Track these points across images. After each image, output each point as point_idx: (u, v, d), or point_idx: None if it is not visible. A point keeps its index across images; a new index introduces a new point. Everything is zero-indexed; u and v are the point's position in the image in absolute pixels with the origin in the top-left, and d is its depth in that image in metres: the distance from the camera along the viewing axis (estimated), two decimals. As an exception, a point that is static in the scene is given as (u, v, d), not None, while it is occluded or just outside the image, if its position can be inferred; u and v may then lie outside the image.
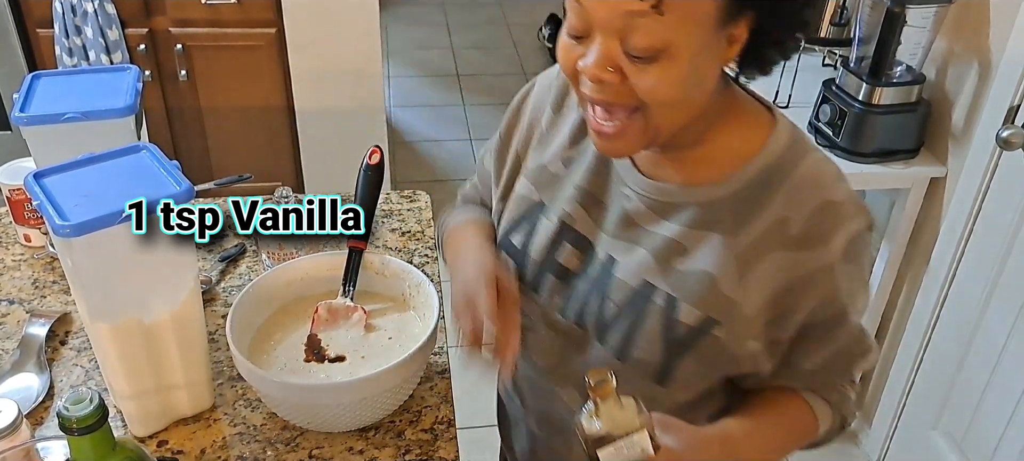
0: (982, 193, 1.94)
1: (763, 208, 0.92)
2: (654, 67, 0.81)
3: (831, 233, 0.90)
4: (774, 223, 0.91)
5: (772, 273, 0.92)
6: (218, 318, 1.32)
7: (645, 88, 0.83)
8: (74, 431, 0.78)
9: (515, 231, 1.09)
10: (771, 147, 0.93)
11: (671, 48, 0.80)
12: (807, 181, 0.91)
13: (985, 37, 1.89)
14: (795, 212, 0.90)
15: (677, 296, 0.95)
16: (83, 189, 0.98)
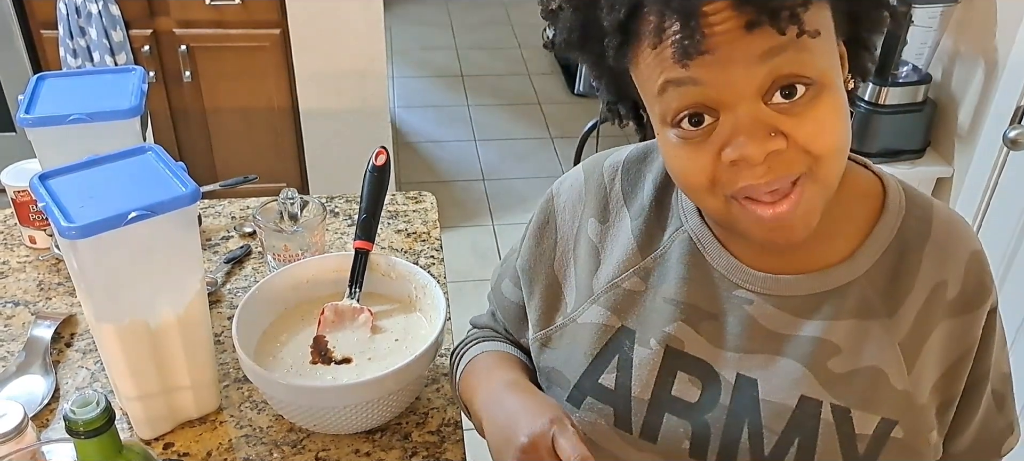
0: (989, 193, 1.93)
1: (913, 278, 0.79)
2: (816, 106, 0.68)
3: (988, 285, 0.81)
4: (931, 292, 0.79)
5: (941, 349, 0.80)
6: (224, 319, 1.32)
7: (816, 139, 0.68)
8: (81, 434, 0.78)
9: (602, 371, 0.88)
10: (891, 207, 0.81)
11: (824, 77, 0.68)
12: (948, 235, 0.80)
13: (991, 37, 1.89)
14: (949, 273, 0.79)
15: (847, 405, 0.79)
16: (88, 191, 0.97)
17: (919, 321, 0.79)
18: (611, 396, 0.87)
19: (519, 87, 4.51)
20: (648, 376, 0.85)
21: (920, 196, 0.83)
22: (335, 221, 1.56)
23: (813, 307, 0.81)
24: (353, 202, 1.60)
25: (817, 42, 0.67)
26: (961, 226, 0.82)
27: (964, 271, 0.79)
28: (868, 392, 0.79)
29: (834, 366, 0.80)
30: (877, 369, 0.79)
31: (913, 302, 0.79)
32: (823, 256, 0.80)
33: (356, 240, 1.21)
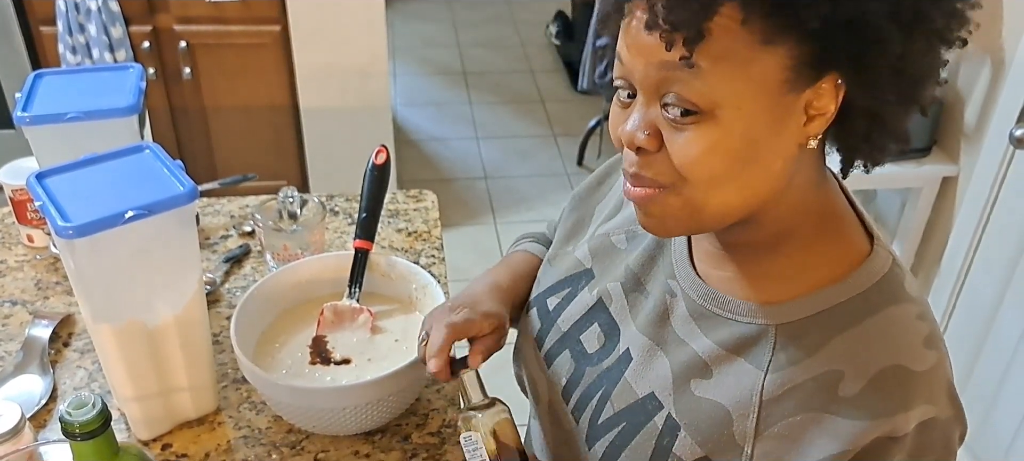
0: (995, 192, 1.92)
1: (817, 351, 0.73)
2: (696, 133, 0.67)
3: (896, 408, 0.70)
4: (824, 374, 0.72)
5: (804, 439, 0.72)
6: (222, 320, 1.31)
7: (684, 160, 0.68)
8: (77, 436, 0.77)
9: (554, 293, 0.98)
10: (854, 279, 0.74)
11: (715, 111, 0.66)
12: (882, 332, 0.72)
13: (997, 35, 1.87)
14: (853, 368, 0.71)
15: (680, 423, 0.79)
16: (86, 190, 0.96)
17: (794, 393, 0.73)
18: (546, 316, 0.97)
19: (521, 84, 4.50)
20: (574, 315, 0.94)
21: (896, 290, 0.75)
22: (335, 220, 1.54)
23: (715, 326, 0.80)
24: (353, 201, 1.59)
25: (717, 72, 0.65)
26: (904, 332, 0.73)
27: (872, 377, 0.70)
28: (706, 425, 0.77)
29: (695, 386, 0.79)
30: (726, 411, 0.76)
31: (799, 372, 0.73)
32: (764, 292, 0.78)
33: (356, 239, 1.20)
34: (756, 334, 0.76)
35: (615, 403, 0.85)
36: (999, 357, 1.97)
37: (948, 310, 2.10)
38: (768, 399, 0.74)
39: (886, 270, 0.75)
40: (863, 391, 0.70)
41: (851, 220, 0.79)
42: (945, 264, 2.09)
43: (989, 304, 1.97)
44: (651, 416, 0.81)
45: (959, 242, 2.03)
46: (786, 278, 0.77)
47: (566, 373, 0.92)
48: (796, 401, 0.73)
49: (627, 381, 0.85)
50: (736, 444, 0.75)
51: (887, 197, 2.30)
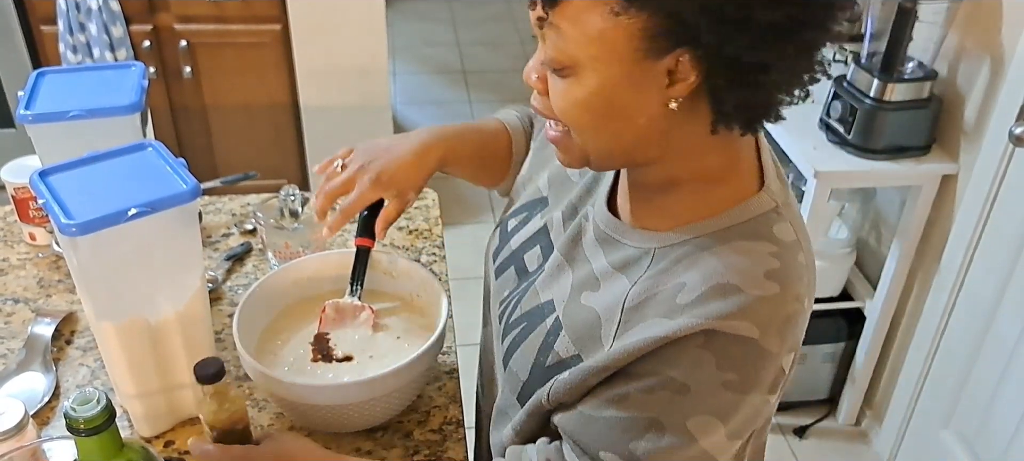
0: (994, 190, 1.92)
1: (681, 270, 0.81)
2: (565, 85, 0.78)
3: (714, 314, 0.76)
4: (673, 286, 0.80)
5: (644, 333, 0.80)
6: (224, 317, 1.31)
7: (555, 105, 0.80)
8: (81, 432, 0.77)
9: (515, 216, 1.10)
10: (730, 214, 0.83)
11: (577, 67, 0.76)
12: (732, 258, 0.79)
13: (997, 33, 1.87)
14: (696, 281, 0.79)
15: (564, 324, 0.90)
16: (88, 187, 0.97)
17: (649, 301, 0.82)
18: (504, 235, 1.10)
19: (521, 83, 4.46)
20: (523, 237, 1.05)
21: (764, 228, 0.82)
22: (337, 218, 1.54)
23: (611, 249, 0.90)
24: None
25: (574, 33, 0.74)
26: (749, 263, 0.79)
27: (705, 289, 0.77)
28: (581, 327, 0.88)
29: (584, 297, 0.90)
30: (598, 316, 0.86)
31: (655, 284, 0.82)
32: (654, 223, 0.88)
33: (357, 238, 1.20)
34: (639, 256, 0.87)
35: (523, 306, 0.98)
36: (999, 355, 1.97)
37: (947, 307, 2.11)
38: (629, 307, 0.83)
39: (761, 212, 0.83)
40: (695, 298, 0.78)
41: (745, 171, 0.86)
42: (945, 262, 2.09)
43: (989, 302, 1.98)
44: (544, 318, 0.93)
45: (959, 240, 2.03)
46: (674, 214, 0.86)
47: (510, 286, 1.04)
48: (649, 306, 0.82)
49: (535, 288, 0.98)
50: (601, 343, 0.85)
51: (887, 195, 2.30)
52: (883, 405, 2.43)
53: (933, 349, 2.19)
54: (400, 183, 1.08)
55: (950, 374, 2.15)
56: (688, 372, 0.77)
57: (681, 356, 0.77)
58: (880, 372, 2.44)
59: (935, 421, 2.22)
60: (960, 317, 2.09)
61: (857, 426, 2.55)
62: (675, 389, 0.78)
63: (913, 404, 2.29)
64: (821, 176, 2.00)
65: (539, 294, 0.96)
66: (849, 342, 2.45)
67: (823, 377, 2.54)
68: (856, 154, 2.03)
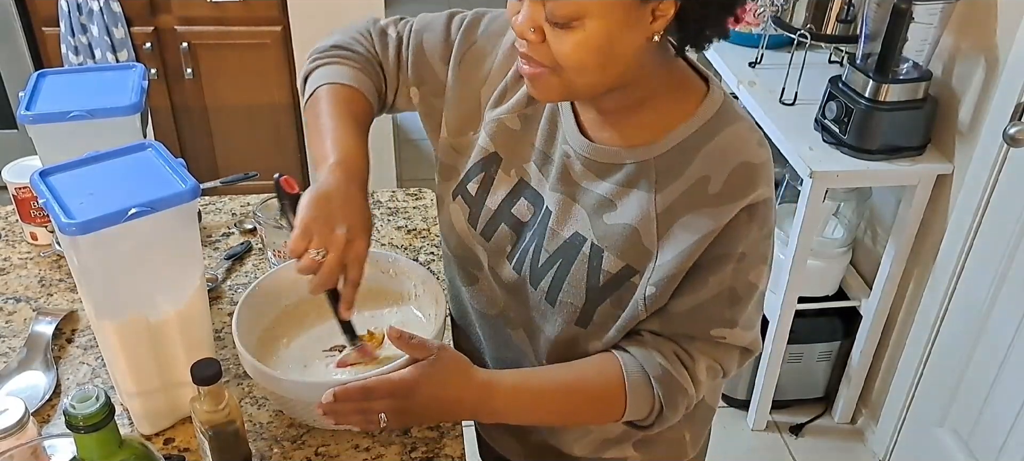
0: (989, 190, 1.93)
1: (685, 168, 0.97)
2: (569, 35, 0.88)
3: (744, 191, 0.96)
4: (696, 182, 0.97)
5: (693, 228, 0.97)
6: (224, 316, 1.32)
7: (560, 53, 0.89)
8: (80, 429, 0.78)
9: (471, 179, 1.13)
10: (699, 114, 0.99)
11: (585, 19, 0.86)
12: (729, 143, 0.98)
13: (992, 33, 1.88)
14: (715, 172, 0.96)
15: (602, 247, 1.02)
16: (89, 187, 0.98)
17: (678, 201, 0.98)
18: (472, 200, 1.14)
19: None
20: (499, 195, 1.11)
21: (732, 116, 1.00)
22: (335, 218, 1.55)
23: (608, 172, 1.02)
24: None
25: None
26: (747, 142, 0.98)
27: (729, 173, 0.96)
28: (622, 243, 1.01)
29: (606, 218, 1.02)
30: (634, 228, 1.00)
31: (678, 186, 0.98)
32: (637, 139, 1.01)
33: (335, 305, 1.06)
34: (639, 170, 1.00)
35: (548, 248, 1.06)
36: (993, 353, 1.98)
37: (942, 306, 2.12)
38: (661, 211, 0.99)
39: (721, 101, 1.00)
40: (724, 184, 0.96)
41: (689, 74, 1.02)
42: (940, 261, 2.10)
43: (983, 301, 1.99)
44: (579, 248, 1.04)
45: (954, 239, 2.04)
46: (651, 126, 1.00)
47: (509, 241, 1.11)
48: (681, 205, 0.98)
49: (552, 229, 1.06)
50: (646, 249, 1.00)
51: (882, 194, 2.31)
52: (879, 403, 2.44)
53: (928, 348, 2.20)
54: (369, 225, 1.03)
55: (945, 372, 2.16)
56: (743, 243, 0.97)
57: (734, 234, 0.96)
58: (875, 370, 2.45)
59: (930, 419, 2.23)
60: (955, 316, 2.10)
61: (853, 424, 2.56)
62: (737, 259, 0.98)
63: (908, 402, 2.30)
64: (817, 176, 2.01)
65: (559, 232, 1.06)
66: (845, 341, 2.46)
67: (819, 375, 2.55)
68: (852, 154, 2.04)
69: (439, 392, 0.98)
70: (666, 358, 1.02)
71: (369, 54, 1.18)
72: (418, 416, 1.01)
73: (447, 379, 0.99)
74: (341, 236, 0.96)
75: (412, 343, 0.99)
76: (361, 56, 1.17)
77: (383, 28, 1.20)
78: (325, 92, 1.11)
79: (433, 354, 0.99)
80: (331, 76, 1.13)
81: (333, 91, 1.11)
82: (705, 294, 0.99)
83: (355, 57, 1.16)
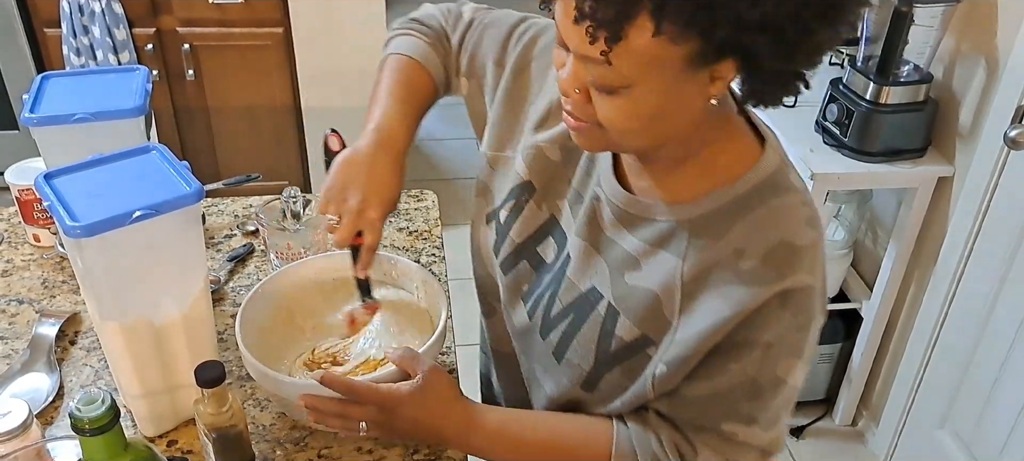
0: (990, 192, 1.93)
1: (722, 236, 0.88)
2: (615, 100, 0.80)
3: (781, 274, 0.85)
4: (729, 254, 0.87)
5: (716, 307, 0.87)
6: (227, 318, 1.33)
7: (605, 117, 0.83)
8: (86, 431, 0.79)
9: (504, 206, 1.09)
10: (748, 177, 0.89)
11: (633, 88, 0.79)
12: (773, 217, 0.87)
13: (992, 36, 1.89)
14: (752, 246, 0.86)
15: (619, 309, 0.94)
16: (93, 190, 0.98)
17: (707, 273, 0.88)
18: (500, 229, 1.09)
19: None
20: (527, 228, 1.05)
21: (784, 182, 0.89)
22: (337, 220, 1.56)
23: (638, 226, 0.94)
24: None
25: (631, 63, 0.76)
26: (791, 216, 0.87)
27: (767, 250, 0.85)
28: (641, 309, 0.92)
29: (628, 277, 0.94)
30: (656, 295, 0.91)
31: (710, 256, 0.88)
32: (676, 194, 0.91)
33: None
34: (672, 230, 0.91)
35: (562, 299, 1.00)
36: (994, 356, 1.98)
37: (943, 309, 2.12)
38: (687, 280, 0.89)
39: (775, 167, 0.90)
40: (759, 264, 0.85)
41: (744, 131, 0.92)
42: (940, 264, 2.10)
43: (984, 303, 1.99)
44: (594, 306, 0.96)
45: (954, 242, 2.04)
46: (692, 183, 0.91)
47: (526, 280, 1.06)
48: (710, 279, 0.88)
49: (570, 279, 1.00)
50: (667, 320, 0.90)
51: (883, 197, 2.31)
52: (879, 405, 2.44)
53: (929, 350, 2.20)
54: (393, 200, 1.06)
55: (946, 375, 2.16)
56: (772, 331, 0.86)
57: (763, 320, 0.86)
58: (876, 373, 2.45)
59: (931, 421, 2.23)
60: (956, 318, 2.10)
61: (853, 426, 2.56)
62: (763, 348, 0.87)
63: (909, 404, 2.30)
64: (818, 178, 2.02)
65: (576, 284, 0.99)
66: (846, 343, 2.46)
67: (820, 377, 2.55)
68: (852, 156, 2.05)
69: (420, 415, 0.99)
70: (664, 446, 0.94)
71: (442, 32, 1.19)
72: (397, 434, 1.01)
73: (432, 405, 0.99)
74: (353, 205, 1.01)
75: (403, 356, 1.00)
76: (434, 32, 1.18)
77: (461, 11, 1.20)
78: (391, 62, 1.15)
79: (421, 374, 0.99)
80: (401, 47, 1.16)
81: (398, 61, 1.15)
82: (723, 382, 0.89)
83: (428, 32, 1.18)
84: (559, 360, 1.01)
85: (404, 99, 1.11)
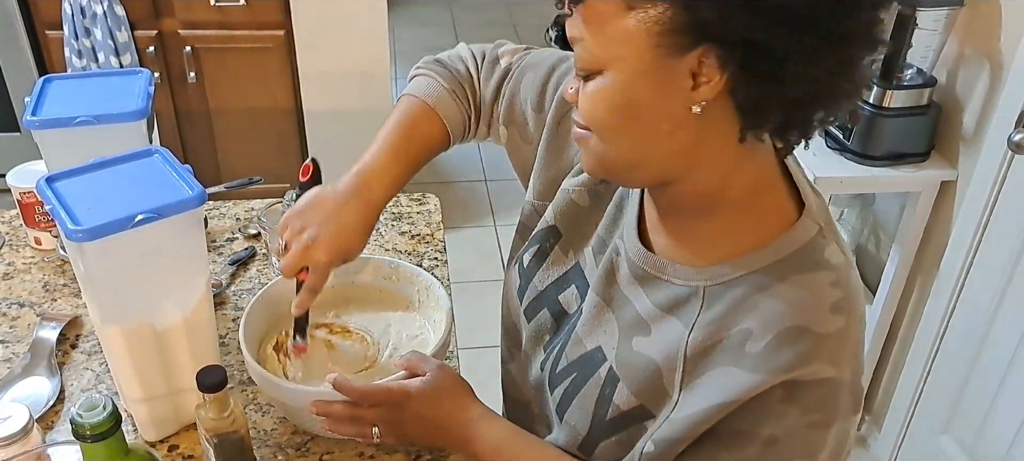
0: (993, 197, 1.93)
1: (735, 311, 0.80)
2: (592, 88, 0.78)
3: (788, 362, 0.76)
4: (737, 332, 0.79)
5: (714, 388, 0.79)
6: (228, 321, 1.32)
7: (583, 111, 0.80)
8: (87, 438, 0.78)
9: (528, 250, 1.05)
10: (777, 245, 0.80)
11: (603, 69, 0.76)
12: (794, 295, 0.78)
13: (996, 40, 1.88)
14: (762, 326, 0.77)
15: (619, 375, 0.88)
16: (95, 193, 0.98)
17: (712, 349, 0.80)
18: (524, 273, 1.05)
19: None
20: (550, 275, 1.02)
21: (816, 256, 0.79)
22: (339, 223, 1.55)
23: (652, 285, 0.87)
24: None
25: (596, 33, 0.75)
26: (814, 297, 0.78)
27: (776, 336, 0.76)
28: (641, 379, 0.86)
29: (635, 343, 0.87)
30: (658, 366, 0.84)
31: (718, 331, 0.80)
32: (696, 255, 0.84)
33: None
34: (687, 295, 0.83)
35: (569, 355, 0.95)
36: (997, 361, 1.98)
37: (946, 314, 2.11)
38: (692, 354, 0.81)
39: (809, 238, 0.80)
40: (766, 347, 0.76)
41: (780, 188, 0.83)
42: (944, 268, 2.09)
43: (987, 308, 1.98)
44: (596, 368, 0.91)
45: (958, 246, 2.04)
46: (715, 242, 0.83)
47: (548, 329, 1.01)
48: (714, 355, 0.80)
49: (577, 335, 0.94)
50: (667, 393, 0.84)
51: (886, 201, 2.30)
52: (882, 410, 2.43)
53: (932, 355, 2.19)
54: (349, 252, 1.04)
55: (949, 380, 2.15)
56: (775, 425, 0.77)
57: (765, 411, 0.77)
58: (879, 377, 2.45)
59: (934, 427, 2.22)
60: (959, 323, 2.10)
61: (856, 431, 2.55)
62: (764, 442, 0.78)
63: (912, 409, 2.30)
64: (820, 182, 2.01)
65: (583, 341, 0.93)
66: (849, 347, 2.45)
67: (823, 382, 2.54)
68: (855, 160, 2.04)
69: (428, 411, 0.98)
70: None
71: (467, 78, 1.15)
72: (408, 432, 1.00)
73: (440, 400, 0.98)
74: (305, 239, 1.01)
75: (411, 360, 1.00)
76: (457, 79, 1.14)
77: (498, 55, 1.15)
78: (403, 103, 1.13)
79: (429, 371, 0.99)
80: (418, 88, 1.13)
81: (410, 104, 1.12)
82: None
83: (450, 78, 1.14)
84: (561, 418, 0.95)
85: (399, 149, 1.08)
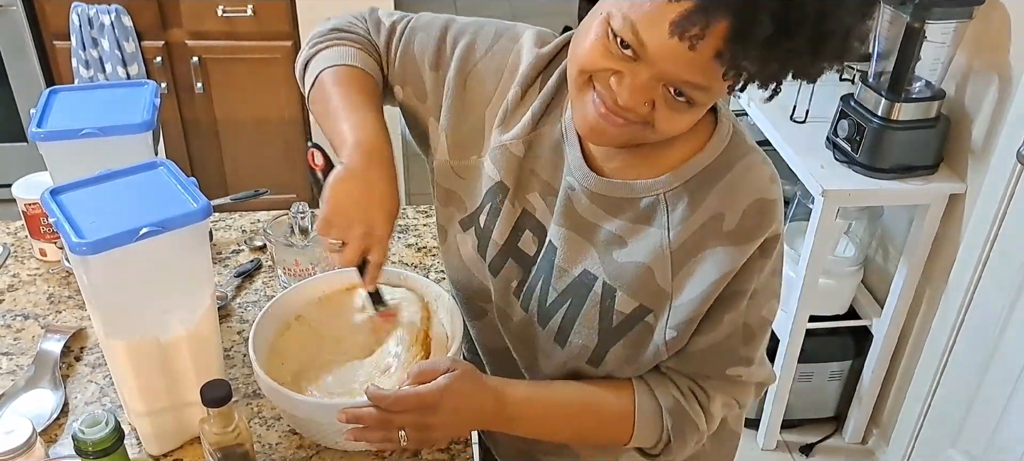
0: (1002, 209, 1.92)
1: (699, 204, 0.96)
2: (682, 110, 0.87)
3: (760, 228, 0.95)
4: (710, 219, 0.96)
5: (709, 268, 0.96)
6: (234, 334, 1.32)
7: (670, 126, 0.89)
8: (90, 454, 0.78)
9: (482, 211, 1.11)
10: (711, 146, 0.98)
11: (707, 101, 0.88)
12: (743, 179, 0.96)
13: (1005, 53, 1.88)
14: (730, 208, 0.95)
15: (615, 286, 1.01)
16: (100, 206, 0.97)
17: (692, 239, 0.97)
18: (481, 233, 1.11)
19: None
20: (506, 227, 1.09)
21: (743, 145, 0.98)
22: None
23: (617, 208, 1.01)
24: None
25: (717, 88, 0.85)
26: (757, 176, 0.96)
27: (744, 210, 0.95)
28: (635, 282, 1.00)
29: (617, 255, 1.01)
30: (647, 266, 0.99)
31: (692, 223, 0.96)
32: (647, 172, 0.99)
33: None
34: (651, 204, 0.99)
35: (557, 286, 1.05)
36: (1006, 374, 1.96)
37: (955, 326, 2.10)
38: (675, 249, 0.97)
39: (731, 131, 0.99)
40: (739, 222, 0.95)
41: None
42: (952, 281, 2.08)
43: (996, 321, 1.97)
44: (590, 287, 1.02)
45: (966, 259, 2.02)
46: (661, 158, 0.98)
47: (516, 276, 1.10)
48: (696, 243, 0.96)
49: (560, 267, 1.04)
50: (661, 288, 0.99)
51: (894, 214, 2.29)
52: (890, 423, 2.42)
53: (940, 368, 2.18)
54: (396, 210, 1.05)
55: (957, 393, 2.14)
56: (756, 280, 0.98)
57: (749, 272, 0.96)
58: (887, 390, 2.43)
59: (942, 440, 2.21)
60: (968, 336, 2.09)
61: (863, 444, 2.54)
62: (750, 296, 0.98)
63: (920, 422, 2.28)
64: (829, 195, 2.00)
65: (568, 270, 1.04)
66: (856, 360, 2.44)
67: (829, 395, 2.53)
68: (863, 173, 2.03)
69: (461, 403, 0.99)
70: (681, 392, 1.04)
71: (366, 39, 1.16)
72: (440, 431, 1.00)
73: (468, 389, 1.00)
74: (359, 230, 1.00)
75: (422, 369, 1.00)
76: (361, 37, 1.15)
77: (379, 17, 1.17)
78: (330, 75, 1.09)
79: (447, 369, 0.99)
80: (335, 58, 1.11)
81: (339, 72, 1.10)
82: (721, 333, 1.00)
83: (356, 38, 1.14)
84: (563, 344, 1.06)
85: (368, 106, 1.07)
